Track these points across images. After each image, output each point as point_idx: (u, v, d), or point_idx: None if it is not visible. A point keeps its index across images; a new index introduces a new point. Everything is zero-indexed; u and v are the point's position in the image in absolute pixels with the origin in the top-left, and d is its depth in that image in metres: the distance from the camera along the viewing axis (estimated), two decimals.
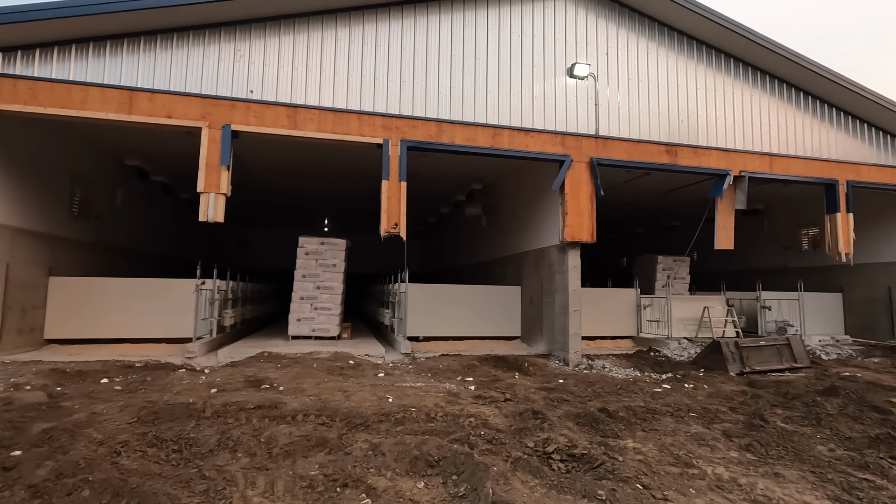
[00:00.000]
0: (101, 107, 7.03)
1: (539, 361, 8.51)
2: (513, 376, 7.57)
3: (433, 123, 8.20)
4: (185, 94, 7.31)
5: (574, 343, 8.63)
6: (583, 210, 8.73)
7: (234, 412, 4.93)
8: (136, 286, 9.24)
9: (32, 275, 8.48)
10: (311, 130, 7.71)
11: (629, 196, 13.68)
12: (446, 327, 10.38)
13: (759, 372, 8.24)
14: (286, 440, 4.17)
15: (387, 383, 6.47)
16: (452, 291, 10.67)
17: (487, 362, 8.43)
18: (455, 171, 11.79)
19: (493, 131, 8.44)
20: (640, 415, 5.33)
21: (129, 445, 3.98)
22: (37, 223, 8.60)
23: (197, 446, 4.01)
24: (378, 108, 7.92)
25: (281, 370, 7.00)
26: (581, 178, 8.78)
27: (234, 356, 8.37)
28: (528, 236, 10.69)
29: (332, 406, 5.23)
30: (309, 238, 10.36)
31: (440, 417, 4.94)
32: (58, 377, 6.53)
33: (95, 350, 8.72)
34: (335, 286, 10.33)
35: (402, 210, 7.90)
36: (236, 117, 7.46)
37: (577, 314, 8.71)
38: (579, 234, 8.67)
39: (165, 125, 7.28)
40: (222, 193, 7.35)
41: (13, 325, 8.06)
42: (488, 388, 6.59)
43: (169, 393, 5.62)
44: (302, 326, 10.09)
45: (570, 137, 8.82)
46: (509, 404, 5.62)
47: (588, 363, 8.63)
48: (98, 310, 9.00)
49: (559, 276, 9.13)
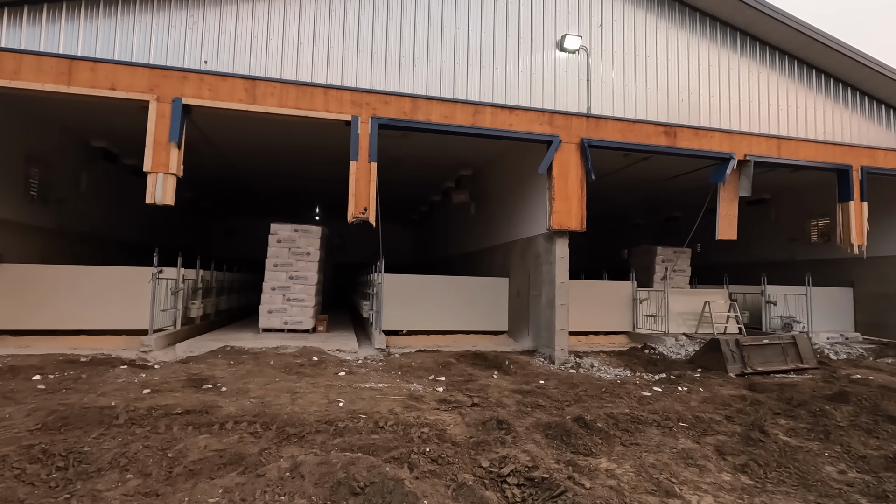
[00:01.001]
0: (35, 77, 6.38)
1: (522, 359, 7.86)
2: (490, 375, 6.93)
3: (407, 99, 7.50)
4: (131, 63, 6.65)
5: (560, 339, 7.98)
6: (571, 196, 8.02)
7: (155, 419, 4.32)
8: (91, 274, 8.65)
9: None
10: (272, 105, 7.03)
11: (627, 184, 12.94)
12: (427, 321, 9.74)
13: (761, 373, 7.56)
14: (197, 455, 3.55)
15: (344, 384, 5.85)
16: (434, 283, 10.02)
17: (465, 359, 7.80)
18: (441, 155, 11.09)
19: (474, 108, 7.73)
20: (623, 424, 4.68)
21: (6, 461, 3.37)
22: None
23: (86, 463, 3.40)
24: (347, 82, 7.23)
25: (233, 367, 6.40)
26: (570, 161, 8.06)
27: (192, 350, 7.78)
28: (515, 225, 10.00)
29: (271, 411, 4.62)
30: (281, 224, 9.72)
31: (389, 427, 4.31)
32: None
33: (47, 342, 8.15)
34: (309, 276, 9.69)
35: (372, 194, 7.24)
36: (188, 90, 6.80)
37: (563, 308, 8.05)
38: (567, 221, 7.97)
39: (109, 98, 6.62)
40: (172, 174, 6.71)
41: None
42: (458, 389, 5.96)
43: (93, 394, 5.02)
44: (273, 319, 9.48)
45: (558, 116, 8.09)
46: (475, 410, 4.99)
47: (575, 361, 7.98)
48: (51, 299, 8.42)
49: (546, 266, 8.45)
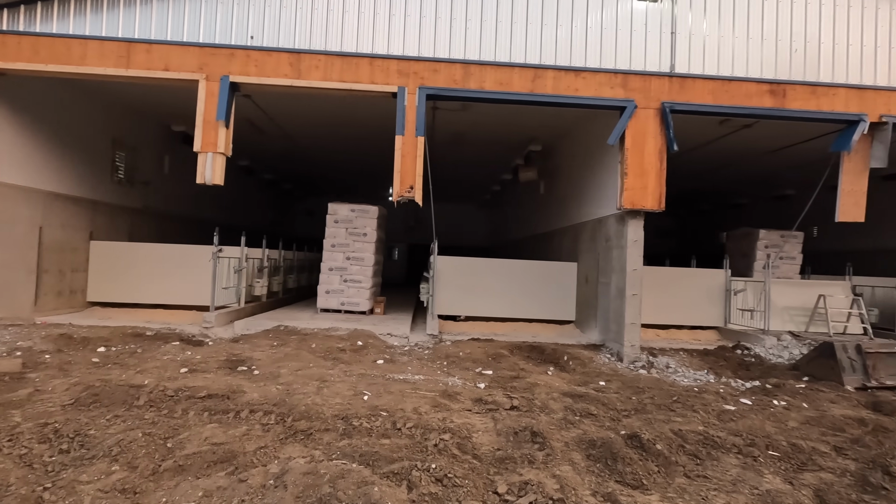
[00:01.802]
0: (99, 61, 6.62)
1: (584, 354, 7.04)
2: (544, 372, 6.23)
3: (458, 66, 6.83)
4: (182, 43, 6.67)
5: (630, 334, 7.02)
6: (648, 170, 6.92)
7: (175, 402, 4.24)
8: (163, 251, 9.14)
9: (70, 238, 8.61)
10: (316, 79, 6.74)
11: (725, 156, 11.23)
12: (485, 307, 9.17)
13: (890, 388, 6.08)
14: (194, 448, 3.34)
15: (378, 374, 5.49)
16: (492, 266, 9.38)
17: (521, 351, 7.15)
18: (506, 129, 10.30)
19: (534, 73, 6.87)
20: (691, 448, 3.82)
21: (19, 438, 3.39)
22: (74, 188, 8.67)
23: (86, 448, 3.31)
24: (394, 50, 6.73)
25: (275, 349, 6.32)
26: (647, 130, 6.94)
27: (249, 329, 7.92)
28: (585, 204, 9.01)
29: (292, 401, 4.36)
30: (338, 204, 9.59)
31: (407, 430, 3.84)
32: (62, 343, 6.39)
33: (127, 315, 8.76)
34: (366, 257, 9.51)
35: (419, 170, 6.73)
36: (235, 67, 6.70)
37: (635, 299, 7.05)
38: (641, 199, 6.91)
39: (163, 79, 6.72)
40: (221, 153, 6.69)
41: (51, 287, 8.24)
42: (502, 387, 5.36)
43: (133, 371, 5.12)
44: (331, 299, 9.46)
45: (634, 77, 6.97)
46: (512, 415, 4.37)
47: (647, 360, 6.99)
48: (131, 274, 9.02)
49: (616, 251, 7.46)
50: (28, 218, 7.74)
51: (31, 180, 7.76)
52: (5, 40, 6.59)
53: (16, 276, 7.59)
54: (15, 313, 7.55)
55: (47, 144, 8.04)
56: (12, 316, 7.49)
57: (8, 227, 7.40)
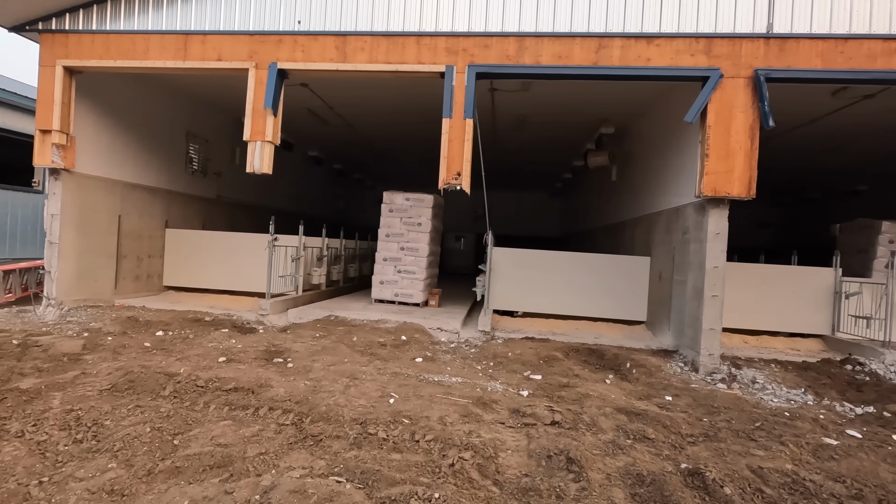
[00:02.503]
0: (159, 54, 6.83)
1: (651, 361, 6.21)
2: (601, 380, 5.55)
3: (511, 39, 6.22)
4: (234, 32, 6.68)
5: (708, 341, 6.08)
6: (735, 150, 5.89)
7: (200, 394, 4.18)
8: (226, 240, 9.46)
9: (146, 226, 9.18)
10: (362, 62, 6.46)
11: (841, 133, 9.56)
12: (544, 303, 8.51)
13: None
14: (196, 449, 3.19)
15: (413, 373, 5.14)
16: (554, 259, 8.68)
17: (577, 354, 6.48)
18: (573, 110, 9.49)
19: (597, 43, 6.08)
20: (771, 495, 3.05)
21: (42, 424, 3.45)
22: (150, 179, 9.22)
23: (97, 440, 3.28)
24: (442, 27, 6.26)
25: (316, 340, 6.20)
26: (735, 102, 5.90)
27: (301, 317, 7.95)
28: (660, 192, 8.01)
29: (315, 400, 4.14)
30: (393, 193, 9.38)
31: (424, 443, 3.45)
32: (128, 325, 6.75)
33: (196, 299, 9.21)
34: (420, 247, 9.22)
35: (467, 156, 6.24)
36: (283, 54, 6.61)
37: (715, 301, 6.09)
38: (726, 185, 5.91)
39: (216, 69, 6.79)
40: (269, 142, 6.65)
41: (129, 272, 8.84)
42: (547, 396, 4.80)
43: (174, 358, 5.20)
44: (384, 290, 9.30)
45: (720, 41, 5.93)
46: (550, 433, 3.81)
47: (729, 372, 6.02)
48: (199, 261, 9.46)
49: (694, 245, 6.50)
50: (108, 207, 8.30)
51: (111, 172, 8.30)
52: (81, 39, 7.01)
53: (98, 261, 8.19)
54: (97, 295, 8.16)
55: (126, 138, 8.57)
56: (94, 298, 8.10)
57: (91, 216, 7.97)
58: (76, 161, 7.51)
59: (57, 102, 7.05)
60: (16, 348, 5.42)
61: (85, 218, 7.85)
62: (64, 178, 7.43)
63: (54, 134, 7.10)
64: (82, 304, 7.77)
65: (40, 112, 7.12)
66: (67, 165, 7.36)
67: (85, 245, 7.89)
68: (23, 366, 4.80)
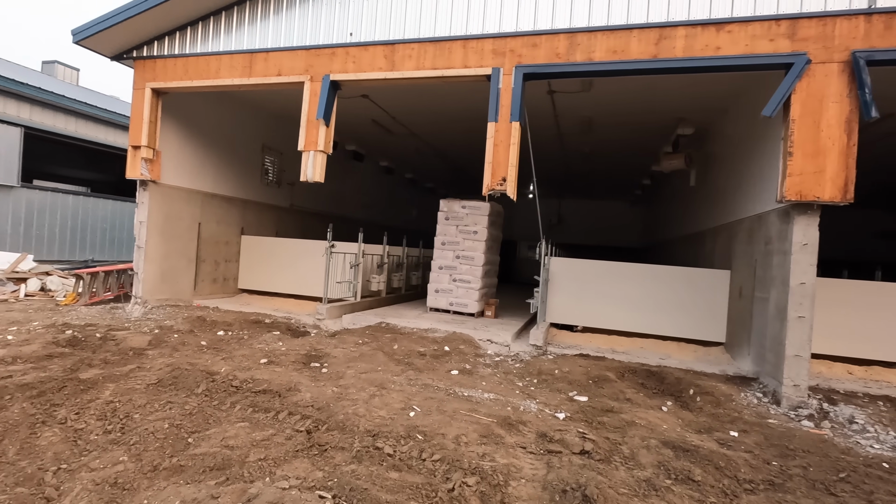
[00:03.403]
0: (229, 73, 7.34)
1: (720, 389, 5.45)
2: (656, 407, 4.96)
3: (562, 37, 5.86)
4: (292, 48, 7.00)
5: (792, 370, 5.22)
6: (827, 147, 5.04)
7: (230, 393, 4.32)
8: (292, 246, 9.92)
9: (223, 232, 9.90)
10: (409, 69, 6.45)
11: None
12: (605, 317, 7.90)
13: None
14: (205, 448, 3.25)
15: (444, 386, 4.94)
16: (619, 271, 8.02)
17: (634, 376, 5.88)
18: (642, 110, 8.81)
19: (658, 34, 5.53)
20: None
21: (85, 413, 3.73)
22: (228, 188, 9.96)
23: (123, 431, 3.47)
24: (489, 28, 6.08)
25: (356, 347, 6.21)
26: (826, 92, 5.05)
27: (354, 323, 8.08)
28: (741, 198, 7.13)
29: (337, 407, 4.10)
30: (450, 200, 9.28)
31: (430, 462, 3.24)
32: (196, 324, 7.26)
33: (264, 302, 9.74)
34: (476, 256, 9.02)
35: (513, 161, 5.96)
36: (335, 65, 6.80)
37: (801, 323, 5.22)
38: (815, 187, 5.06)
39: (276, 83, 7.16)
40: (321, 151, 6.85)
41: (207, 275, 9.58)
42: (587, 420, 4.36)
43: (220, 357, 5.45)
44: (440, 299, 9.20)
45: (806, 22, 5.12)
46: (576, 462, 3.42)
47: (819, 407, 5.12)
48: (268, 265, 10.02)
49: (777, 258, 5.65)
50: (190, 215, 9.07)
51: (192, 183, 9.08)
52: (166, 63, 7.75)
53: (180, 264, 8.96)
54: (178, 296, 8.92)
55: (206, 151, 9.34)
56: (175, 298, 8.86)
57: (174, 223, 8.76)
58: (161, 173, 8.30)
59: (145, 121, 7.84)
60: (97, 341, 6.02)
61: (168, 225, 8.63)
62: (151, 188, 8.23)
63: (143, 149, 7.90)
64: (164, 303, 8.53)
65: (132, 130, 7.96)
66: (154, 177, 8.15)
67: (168, 249, 8.67)
68: (94, 357, 5.29)
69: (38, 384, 4.28)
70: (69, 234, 12.72)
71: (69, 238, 12.72)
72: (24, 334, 6.15)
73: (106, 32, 7.47)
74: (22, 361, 5.05)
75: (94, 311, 7.95)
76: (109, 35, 7.64)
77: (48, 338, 5.96)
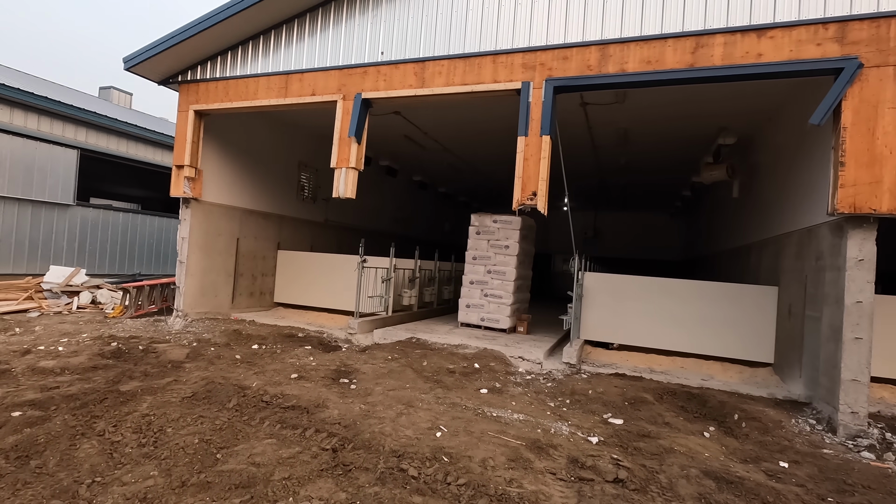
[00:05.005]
0: (266, 94, 7.59)
1: (768, 414, 5.11)
2: (698, 432, 4.69)
3: (593, 49, 5.75)
4: (326, 68, 7.18)
5: (850, 395, 4.84)
6: (882, 156, 4.70)
7: (260, 408, 4.36)
8: (324, 261, 10.07)
9: (261, 247, 10.18)
10: (439, 85, 6.49)
11: None
12: (644, 334, 7.60)
13: None
14: (233, 465, 3.27)
15: (472, 405, 4.83)
16: (656, 286, 7.72)
17: (673, 398, 5.60)
18: (680, 119, 8.54)
19: (694, 42, 5.35)
20: None
21: (122, 425, 3.83)
22: (265, 205, 10.25)
23: (156, 445, 3.53)
24: (518, 43, 6.06)
25: (386, 363, 6.19)
26: (882, 97, 4.73)
27: (385, 338, 8.09)
28: (790, 210, 6.75)
29: (363, 425, 4.08)
30: (481, 215, 9.22)
31: (455, 487, 3.15)
32: (232, 338, 7.45)
33: (299, 315, 9.91)
34: (507, 271, 8.89)
35: (543, 175, 5.86)
36: (367, 84, 6.92)
37: (859, 345, 4.84)
38: (871, 199, 4.72)
39: (311, 103, 7.34)
40: (353, 168, 6.96)
41: (244, 289, 9.84)
42: (622, 445, 4.16)
43: (252, 372, 5.53)
44: (471, 314, 9.11)
45: (857, 25, 4.83)
46: (609, 492, 3.25)
47: (882, 437, 4.71)
48: (303, 280, 10.21)
49: (830, 274, 5.29)
50: (228, 230, 9.38)
51: (231, 199, 9.39)
52: (208, 86, 8.10)
53: (219, 278, 9.25)
54: (216, 309, 9.19)
55: (244, 169, 9.66)
56: (214, 311, 9.13)
57: (214, 239, 9.07)
58: (203, 191, 8.63)
59: (188, 141, 8.19)
60: (139, 353, 6.25)
61: (209, 240, 8.94)
62: (193, 206, 8.56)
63: (186, 168, 8.25)
64: (203, 316, 8.80)
65: (176, 150, 8.34)
66: (195, 195, 8.48)
67: (208, 264, 8.97)
68: (135, 369, 5.48)
69: (81, 395, 4.46)
70: (119, 249, 13.40)
71: (119, 253, 13.39)
72: (74, 346, 6.46)
73: (153, 59, 7.89)
74: (69, 372, 5.29)
75: (139, 324, 8.29)
76: (156, 61, 8.06)
77: (95, 349, 6.23)
